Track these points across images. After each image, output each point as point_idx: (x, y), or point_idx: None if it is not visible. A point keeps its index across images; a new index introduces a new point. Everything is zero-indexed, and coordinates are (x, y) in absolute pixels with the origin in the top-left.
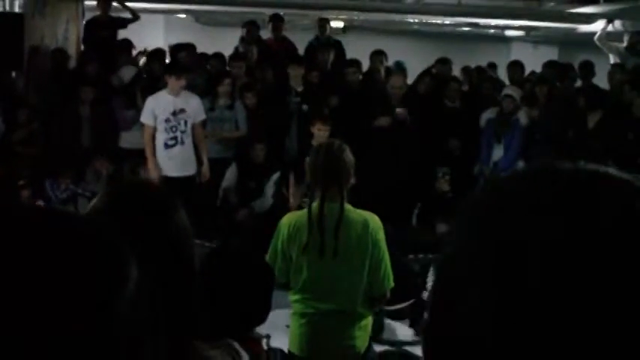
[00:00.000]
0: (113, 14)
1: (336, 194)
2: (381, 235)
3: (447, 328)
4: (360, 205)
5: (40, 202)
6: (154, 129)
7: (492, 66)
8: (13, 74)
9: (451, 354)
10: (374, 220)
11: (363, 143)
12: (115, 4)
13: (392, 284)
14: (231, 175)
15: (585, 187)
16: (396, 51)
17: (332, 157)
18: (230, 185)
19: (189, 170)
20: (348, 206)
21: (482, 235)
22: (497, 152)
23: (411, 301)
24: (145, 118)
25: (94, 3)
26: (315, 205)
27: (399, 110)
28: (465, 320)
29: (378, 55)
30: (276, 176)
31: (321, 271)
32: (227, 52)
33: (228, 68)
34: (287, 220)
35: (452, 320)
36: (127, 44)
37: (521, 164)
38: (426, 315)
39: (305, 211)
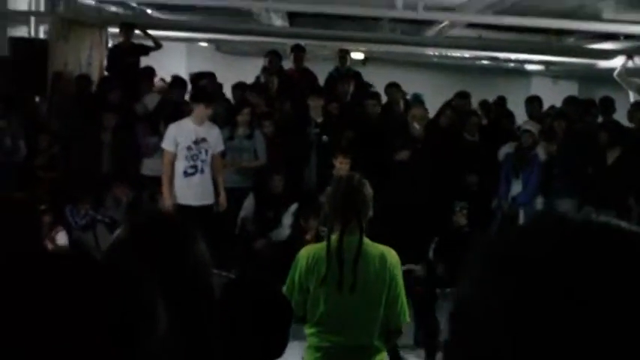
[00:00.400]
0: (135, 41)
1: (355, 228)
2: (399, 270)
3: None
4: (378, 238)
5: (61, 229)
6: (174, 156)
7: (502, 99)
8: (37, 99)
9: None
10: (391, 255)
11: (382, 176)
12: (137, 31)
13: (408, 319)
14: (249, 204)
15: (595, 240)
16: (415, 83)
17: (352, 191)
18: (248, 215)
19: (208, 199)
20: (366, 240)
21: (497, 285)
22: (516, 187)
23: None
24: (167, 144)
25: (117, 30)
26: (334, 238)
27: (403, 152)
28: (477, 354)
29: (392, 88)
30: (294, 207)
31: (339, 304)
32: (247, 80)
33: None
34: (305, 252)
35: (465, 352)
36: (150, 72)
37: (539, 199)
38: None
39: (323, 243)
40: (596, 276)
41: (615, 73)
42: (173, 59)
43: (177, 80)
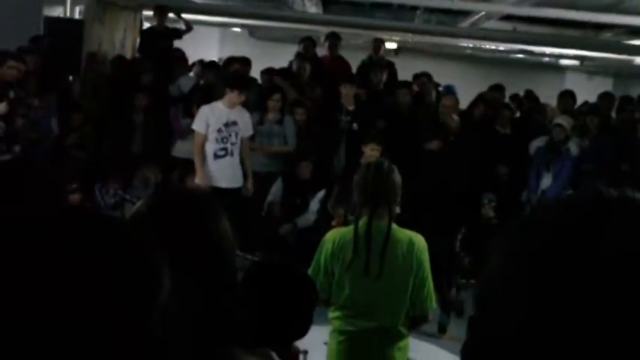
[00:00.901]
0: (169, 25)
1: (384, 213)
2: (426, 256)
3: (484, 339)
4: (405, 225)
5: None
6: (205, 137)
7: (530, 93)
8: (71, 79)
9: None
10: (419, 240)
11: (412, 164)
12: (170, 15)
13: (434, 305)
14: (276, 189)
15: (629, 211)
16: (447, 75)
17: (381, 176)
18: (275, 200)
19: (237, 182)
20: (394, 226)
21: (518, 257)
22: (546, 181)
23: None
24: (197, 125)
25: (152, 13)
26: (361, 223)
27: (434, 142)
28: (500, 332)
29: (422, 77)
30: (321, 194)
31: (364, 289)
32: (277, 65)
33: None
34: (331, 235)
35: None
36: (182, 54)
37: (569, 193)
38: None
39: (350, 228)
40: (627, 246)
41: None
42: (206, 44)
43: (210, 64)
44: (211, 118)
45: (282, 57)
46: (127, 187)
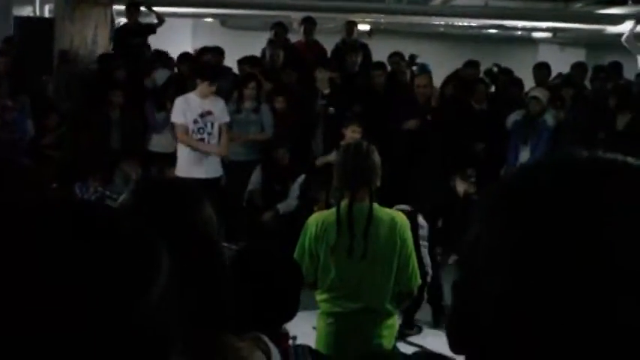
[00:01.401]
0: (142, 21)
1: (365, 194)
2: (409, 234)
3: (466, 306)
4: (386, 205)
5: None
6: (187, 126)
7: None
8: (44, 78)
9: (468, 328)
10: (401, 219)
11: (390, 145)
12: (142, 8)
13: (419, 282)
14: (256, 178)
15: (603, 176)
16: (421, 54)
17: (361, 158)
18: (255, 188)
19: (216, 172)
20: (375, 206)
21: (502, 225)
22: (524, 154)
23: None
24: (177, 117)
25: (123, 8)
26: (343, 204)
27: (411, 122)
28: (481, 299)
29: (395, 57)
30: (301, 179)
31: (350, 270)
32: (251, 54)
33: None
34: (314, 219)
35: (471, 298)
36: (161, 53)
37: None
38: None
39: (333, 210)
40: (602, 205)
41: (623, 38)
42: (179, 35)
43: (183, 56)
44: (186, 109)
45: (255, 45)
46: (107, 183)
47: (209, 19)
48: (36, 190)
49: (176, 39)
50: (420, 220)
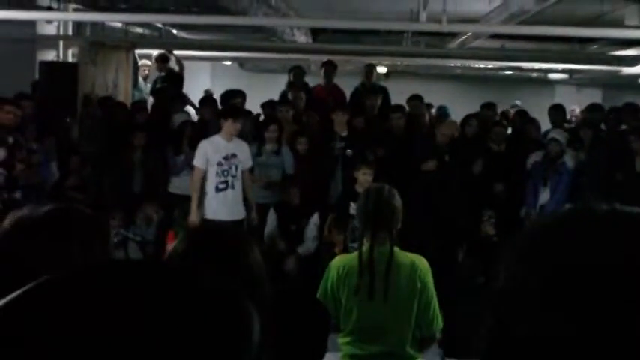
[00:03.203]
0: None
1: (386, 238)
2: (429, 277)
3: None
4: (407, 248)
5: None
6: (203, 173)
7: (520, 111)
8: (68, 121)
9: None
10: (422, 263)
11: (409, 187)
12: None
13: (441, 325)
14: (271, 220)
15: (621, 226)
16: (438, 94)
17: (382, 202)
18: (271, 230)
19: (239, 215)
20: (396, 249)
21: (530, 265)
22: (544, 196)
23: None
24: (197, 161)
25: (145, 51)
26: (365, 248)
27: (430, 163)
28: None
29: (414, 100)
30: (315, 218)
31: (371, 313)
32: (268, 96)
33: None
34: (337, 262)
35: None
36: (181, 95)
37: (567, 207)
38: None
39: (355, 254)
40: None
41: None
42: (198, 78)
43: (206, 98)
44: (210, 152)
45: (272, 87)
46: (129, 225)
47: (227, 62)
48: (104, 241)
49: (195, 82)
50: None
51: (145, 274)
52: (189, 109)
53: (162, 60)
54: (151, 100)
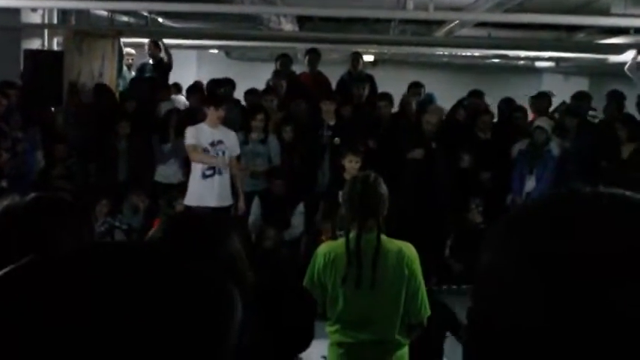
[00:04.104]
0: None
1: (373, 226)
2: (417, 265)
3: (482, 334)
4: (393, 235)
5: None
6: (199, 149)
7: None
8: (53, 110)
9: (493, 346)
10: (409, 250)
11: (396, 175)
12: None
13: (429, 312)
14: (255, 208)
15: (605, 208)
16: (425, 83)
17: (368, 190)
18: (256, 219)
19: (226, 201)
20: (383, 237)
21: (520, 253)
22: (530, 183)
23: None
24: (189, 140)
25: (130, 40)
26: (352, 236)
27: (417, 151)
28: (497, 327)
29: (415, 88)
30: (300, 207)
31: (358, 301)
32: (255, 85)
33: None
34: (323, 249)
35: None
36: (165, 82)
37: None
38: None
39: (341, 241)
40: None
41: (626, 67)
42: (184, 66)
43: (193, 86)
44: (198, 137)
45: (259, 76)
46: (116, 214)
47: (214, 51)
48: (89, 229)
49: (181, 70)
50: None
51: (130, 256)
52: (181, 97)
53: (155, 46)
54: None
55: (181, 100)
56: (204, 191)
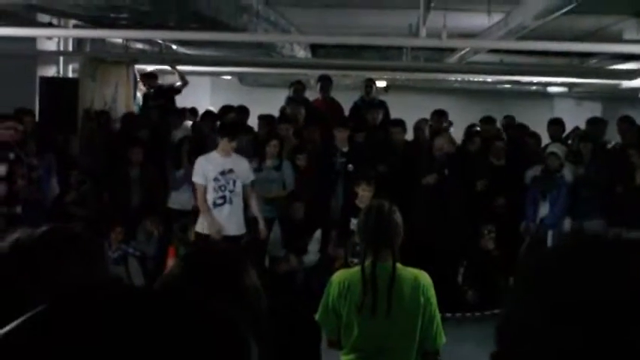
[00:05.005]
0: (165, 84)
1: (388, 255)
2: (432, 292)
3: None
4: (407, 263)
5: None
6: (205, 187)
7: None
8: (68, 136)
9: None
10: (424, 278)
11: (409, 202)
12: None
13: (444, 340)
14: (275, 235)
15: (626, 254)
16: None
17: (383, 220)
18: (275, 244)
19: (238, 230)
20: (399, 265)
21: (539, 297)
22: (543, 209)
23: None
24: (197, 177)
25: (144, 67)
26: (367, 264)
27: (429, 177)
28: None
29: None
30: (318, 233)
31: (374, 330)
32: (268, 111)
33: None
34: (337, 277)
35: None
36: (180, 110)
37: (567, 221)
38: None
39: (357, 269)
40: (626, 289)
41: None
42: (198, 92)
43: (207, 113)
44: (207, 167)
45: (272, 102)
46: (129, 240)
47: (227, 77)
48: (102, 261)
49: (195, 96)
50: None
51: (145, 302)
52: (188, 123)
53: (148, 77)
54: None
55: (187, 125)
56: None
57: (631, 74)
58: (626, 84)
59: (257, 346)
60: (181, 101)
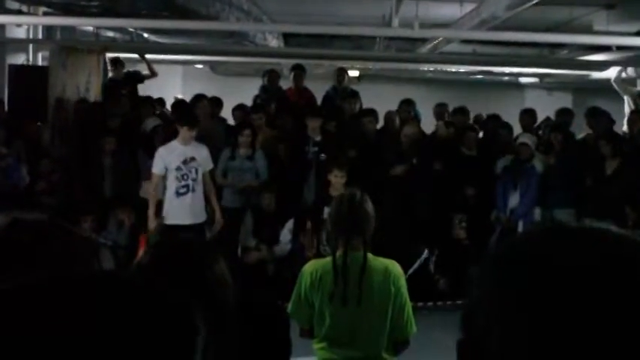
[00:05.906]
0: (131, 69)
1: (359, 244)
2: (403, 282)
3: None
4: (378, 253)
5: None
6: (160, 179)
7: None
8: (38, 125)
9: None
10: (395, 267)
11: (378, 191)
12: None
13: (414, 329)
14: (247, 223)
15: (593, 243)
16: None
17: (355, 208)
18: (247, 234)
19: (200, 218)
20: (370, 255)
21: (506, 285)
22: (514, 199)
23: None
24: (156, 168)
25: (116, 55)
26: (338, 254)
27: (398, 168)
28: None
29: (406, 106)
30: (290, 223)
31: (344, 318)
32: (241, 100)
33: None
34: (309, 267)
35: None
36: (150, 99)
37: (537, 211)
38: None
39: (328, 259)
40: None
41: (612, 80)
42: (169, 81)
43: (179, 103)
44: (168, 157)
45: (244, 91)
46: (101, 230)
47: (199, 66)
48: (83, 255)
49: (167, 85)
50: None
51: (98, 287)
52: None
53: (119, 62)
54: None
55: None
56: (179, 209)
57: (601, 65)
58: (596, 75)
59: (218, 335)
60: (153, 90)
